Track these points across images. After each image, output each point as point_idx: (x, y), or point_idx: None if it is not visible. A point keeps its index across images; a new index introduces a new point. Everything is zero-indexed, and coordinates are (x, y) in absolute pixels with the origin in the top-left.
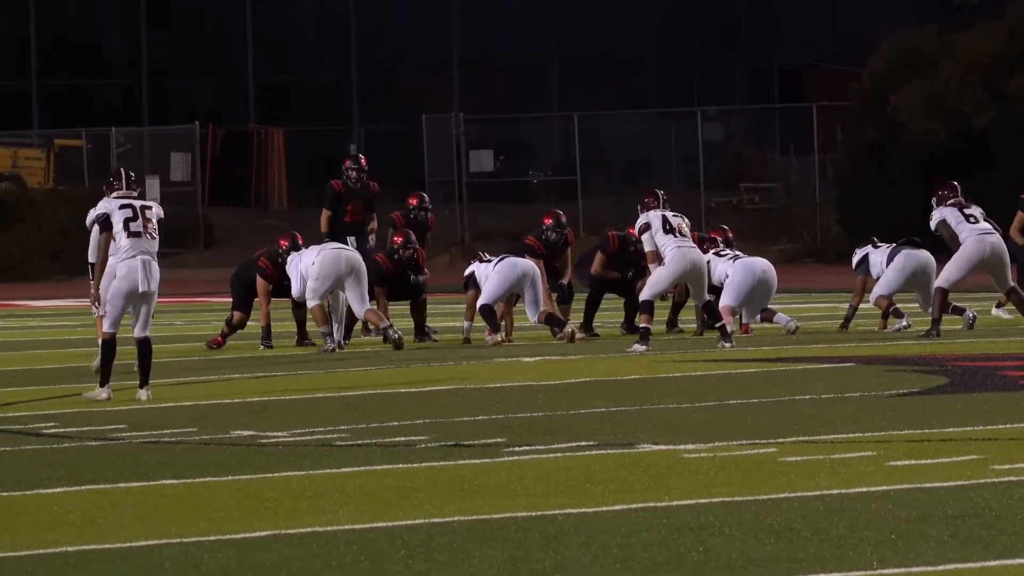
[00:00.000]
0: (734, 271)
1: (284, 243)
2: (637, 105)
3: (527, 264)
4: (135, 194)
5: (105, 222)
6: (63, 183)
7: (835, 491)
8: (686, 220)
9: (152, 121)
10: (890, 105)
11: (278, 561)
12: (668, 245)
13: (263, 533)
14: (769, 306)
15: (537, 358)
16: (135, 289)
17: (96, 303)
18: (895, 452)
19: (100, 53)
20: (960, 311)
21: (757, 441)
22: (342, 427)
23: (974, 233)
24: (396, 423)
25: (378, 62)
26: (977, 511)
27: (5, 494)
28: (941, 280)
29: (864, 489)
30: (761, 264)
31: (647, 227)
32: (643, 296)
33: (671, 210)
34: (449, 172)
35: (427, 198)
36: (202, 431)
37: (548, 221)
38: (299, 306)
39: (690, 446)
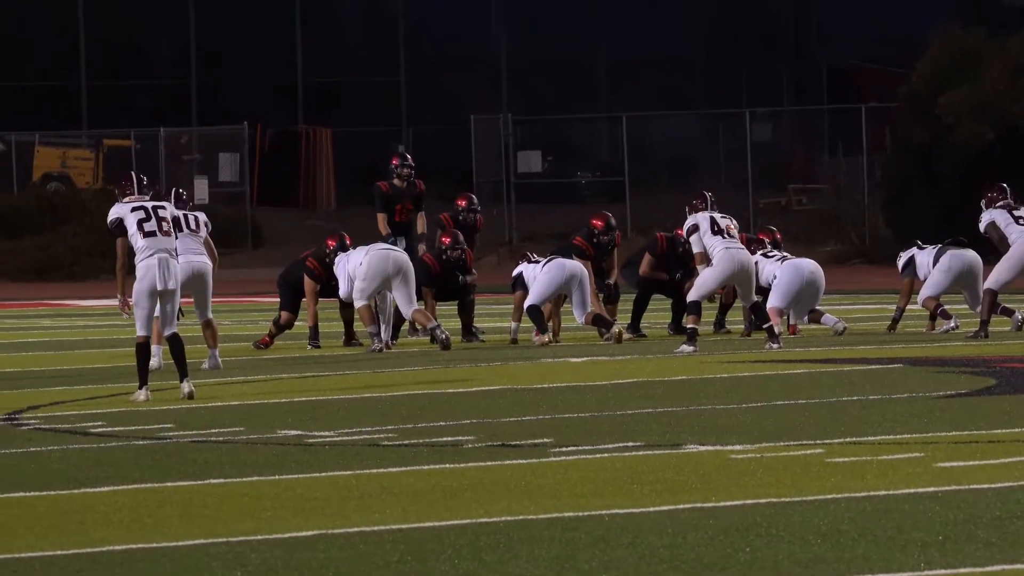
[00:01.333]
0: (782, 272)
1: (331, 243)
2: (684, 106)
3: (575, 265)
4: (147, 197)
5: (119, 227)
6: (112, 183)
7: (882, 492)
8: (734, 221)
9: (200, 122)
10: (938, 107)
11: (324, 561)
12: (716, 246)
13: (309, 533)
14: (817, 307)
15: (584, 359)
16: (155, 287)
17: (125, 308)
18: (942, 453)
19: (149, 53)
20: (1009, 312)
21: (804, 442)
22: (389, 427)
23: (1023, 235)
24: (443, 423)
25: (426, 63)
26: None
27: (53, 493)
28: (990, 282)
29: (911, 490)
30: (809, 265)
31: (695, 228)
32: (690, 297)
33: (719, 211)
34: (497, 172)
35: (476, 199)
36: (249, 431)
37: (599, 224)
38: (346, 306)
39: (737, 447)
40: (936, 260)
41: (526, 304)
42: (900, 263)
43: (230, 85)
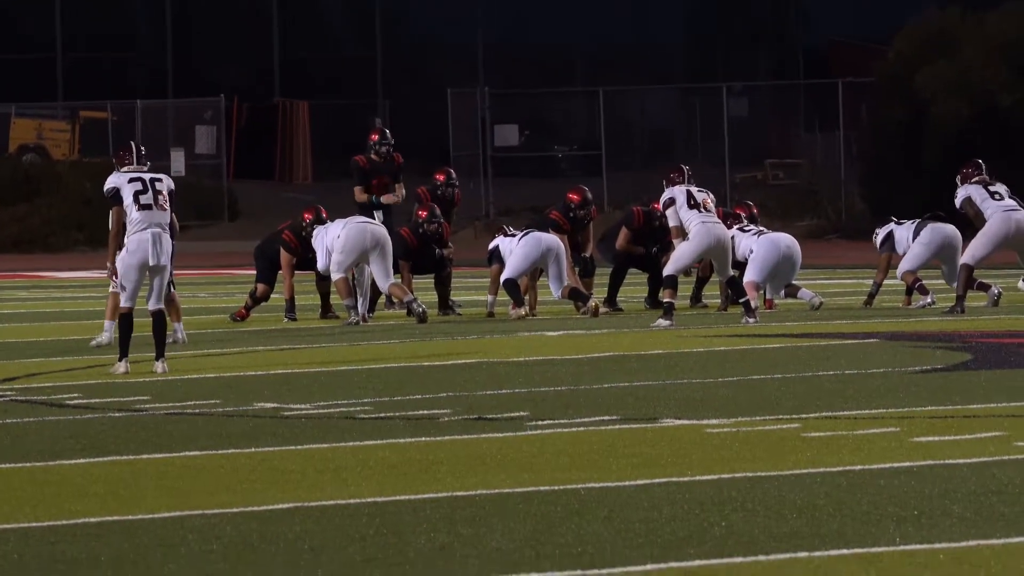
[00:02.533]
0: (758, 246)
1: (308, 216)
2: (661, 82)
3: (551, 239)
4: (145, 168)
5: (115, 196)
6: (87, 155)
7: (858, 467)
8: (711, 195)
9: (177, 95)
10: (915, 84)
11: (300, 533)
12: (693, 220)
13: (286, 505)
14: (793, 282)
15: (561, 332)
16: (146, 262)
17: (113, 276)
18: (918, 428)
19: (126, 26)
20: (985, 287)
21: (780, 416)
22: (365, 400)
23: (999, 210)
24: (419, 396)
25: (403, 37)
26: (1000, 488)
27: (29, 464)
28: (966, 257)
29: (887, 465)
30: (785, 240)
31: (672, 202)
32: (667, 271)
33: (696, 185)
34: (474, 146)
35: (454, 174)
36: (225, 403)
37: (575, 198)
38: (323, 279)
39: (713, 421)
40: (916, 234)
41: (502, 278)
42: (877, 239)
43: (207, 58)
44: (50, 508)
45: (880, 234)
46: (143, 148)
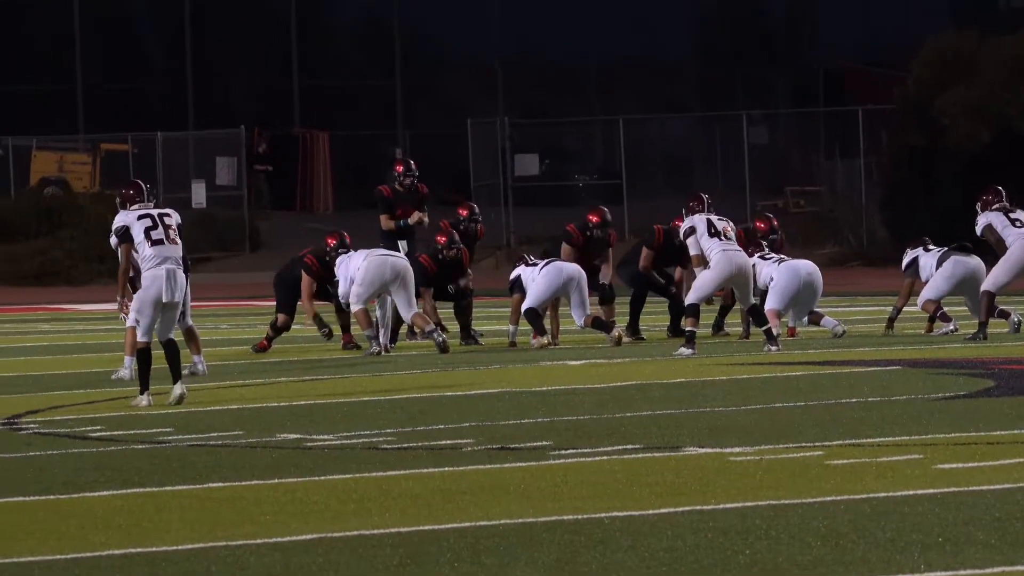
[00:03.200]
0: (779, 274)
1: (332, 241)
2: (680, 109)
3: (573, 268)
4: (152, 204)
5: (125, 234)
6: (109, 187)
7: (881, 494)
8: (731, 223)
9: (197, 126)
10: (934, 109)
11: (324, 564)
12: (714, 249)
13: (309, 536)
14: (816, 309)
15: (583, 361)
16: (160, 299)
17: (123, 312)
18: (941, 455)
19: (146, 58)
20: (1005, 315)
21: (803, 444)
22: (388, 430)
23: (1020, 237)
24: (442, 426)
25: (422, 67)
26: None
27: (52, 497)
28: (987, 284)
29: (910, 492)
30: (806, 267)
31: (692, 231)
32: (689, 300)
33: (716, 213)
34: (495, 176)
35: (477, 209)
36: (248, 434)
37: (595, 219)
38: (342, 310)
39: (736, 449)
40: (939, 264)
41: (524, 307)
42: (904, 261)
43: (227, 89)
44: (74, 540)
45: (908, 257)
46: (148, 185)
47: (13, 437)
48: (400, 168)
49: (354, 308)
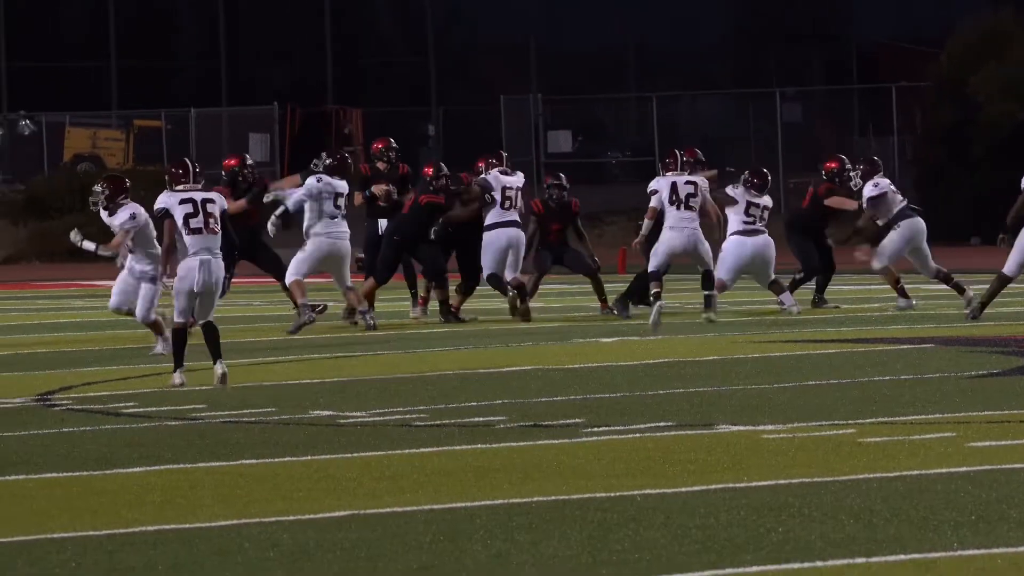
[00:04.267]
0: (725, 247)
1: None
2: (714, 87)
3: (513, 232)
4: (199, 186)
5: (165, 215)
6: (142, 164)
7: (914, 472)
8: (703, 181)
9: (231, 102)
10: (968, 87)
11: (357, 541)
12: (667, 220)
13: (342, 513)
14: (777, 280)
15: (615, 339)
16: (192, 289)
17: (163, 281)
18: (975, 433)
19: (179, 35)
20: (961, 290)
21: (836, 422)
22: (421, 407)
23: None
24: (475, 403)
25: (456, 44)
26: None
27: (86, 473)
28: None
29: (944, 470)
30: (752, 243)
31: (654, 192)
32: (650, 267)
33: (690, 173)
34: (528, 152)
35: (443, 166)
36: (281, 411)
37: (547, 180)
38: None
39: (769, 427)
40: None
41: (484, 274)
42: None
43: (260, 66)
44: (107, 516)
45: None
46: (198, 166)
47: (47, 413)
48: (380, 145)
49: (289, 280)
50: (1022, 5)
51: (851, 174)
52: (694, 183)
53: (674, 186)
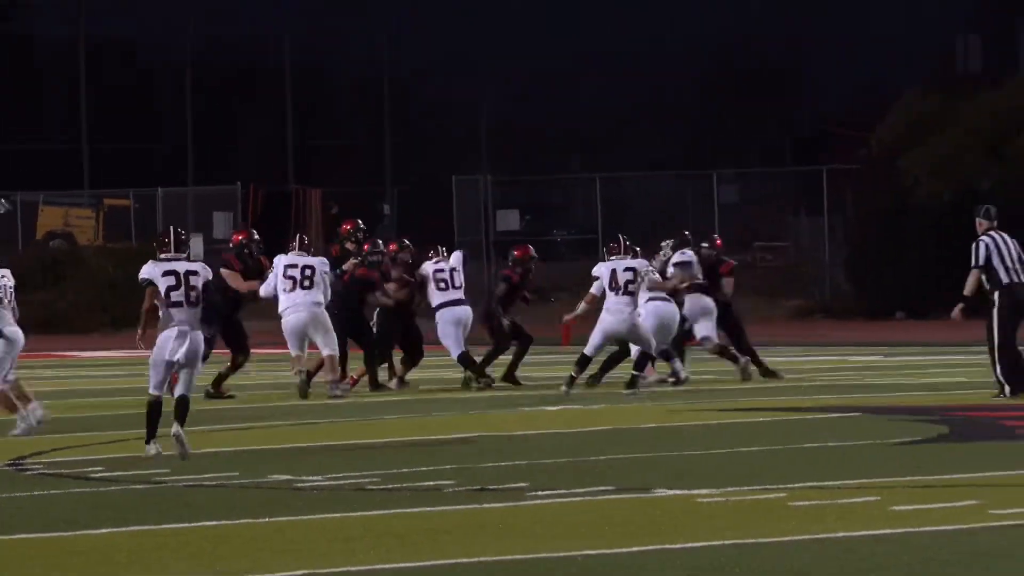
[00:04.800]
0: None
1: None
2: (657, 167)
3: (461, 310)
4: (183, 256)
5: (148, 285)
6: (111, 241)
7: (842, 534)
8: (643, 266)
9: (197, 182)
10: (898, 169)
11: None
12: (607, 303)
13: (299, 572)
14: (667, 348)
15: (560, 407)
16: (169, 360)
17: (139, 342)
18: (899, 497)
19: (147, 119)
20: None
21: (767, 486)
22: (374, 472)
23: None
24: (425, 468)
25: (410, 127)
26: (976, 553)
27: (56, 534)
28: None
29: (869, 532)
30: (657, 307)
31: (596, 277)
32: (587, 349)
33: (632, 258)
34: (478, 231)
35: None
36: (241, 475)
37: (518, 253)
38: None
39: (704, 491)
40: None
41: (455, 355)
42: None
43: (225, 149)
44: (76, 575)
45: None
46: (184, 233)
47: (19, 477)
48: (349, 227)
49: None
50: (949, 91)
51: (662, 245)
52: (633, 269)
53: (613, 272)
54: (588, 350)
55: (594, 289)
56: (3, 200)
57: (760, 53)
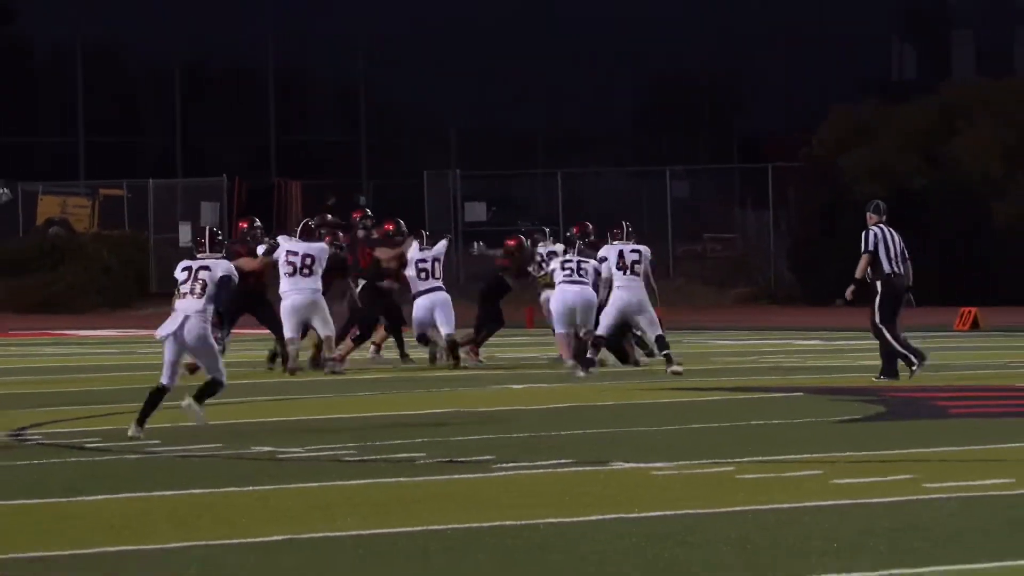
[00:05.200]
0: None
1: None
2: (614, 164)
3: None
4: (217, 255)
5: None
6: (106, 228)
7: (786, 505)
8: (645, 251)
9: (185, 174)
10: (839, 168)
11: (294, 564)
12: (617, 281)
13: (280, 537)
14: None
15: (525, 385)
16: (158, 335)
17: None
18: (839, 471)
19: (140, 114)
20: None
21: (718, 460)
22: (351, 444)
23: None
24: (399, 441)
25: (387, 125)
26: (911, 525)
27: (53, 500)
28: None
29: (812, 504)
30: (572, 291)
31: (604, 259)
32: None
33: (635, 243)
34: (447, 221)
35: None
36: (227, 447)
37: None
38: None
39: (658, 464)
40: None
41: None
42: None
43: (212, 143)
44: (72, 539)
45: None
46: (219, 232)
47: (18, 447)
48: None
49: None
50: (886, 98)
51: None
52: (639, 251)
53: (620, 253)
54: (602, 330)
55: (603, 271)
56: (6, 190)
57: (710, 60)
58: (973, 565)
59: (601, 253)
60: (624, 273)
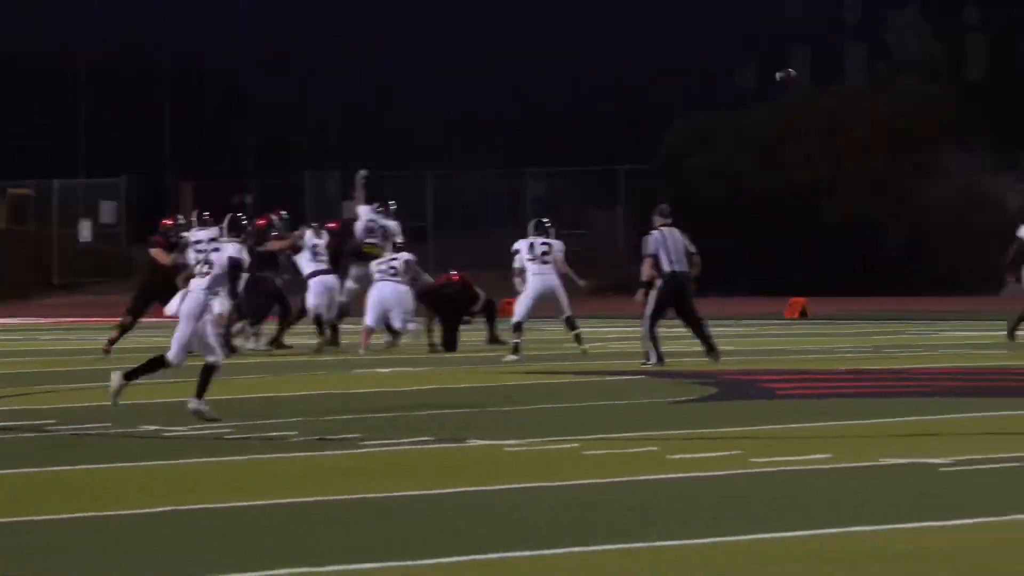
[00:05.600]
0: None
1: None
2: (481, 166)
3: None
4: (214, 235)
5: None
6: (13, 225)
7: (626, 478)
8: (554, 243)
9: (87, 175)
10: (683, 170)
11: (172, 532)
12: (530, 269)
13: (162, 509)
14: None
15: (390, 369)
16: (168, 312)
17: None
18: (674, 447)
19: (43, 116)
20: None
21: (564, 438)
22: (230, 423)
23: None
24: (274, 421)
25: (271, 128)
26: (738, 495)
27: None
28: None
29: (649, 477)
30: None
31: (516, 251)
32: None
33: (544, 236)
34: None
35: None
36: (116, 425)
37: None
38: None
39: (511, 441)
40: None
41: (311, 315)
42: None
43: (111, 144)
44: None
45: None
46: (207, 213)
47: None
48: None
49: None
50: (726, 108)
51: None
52: (549, 243)
53: (531, 245)
54: (519, 316)
55: (516, 262)
56: None
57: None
58: (794, 533)
59: (515, 246)
60: (535, 263)
